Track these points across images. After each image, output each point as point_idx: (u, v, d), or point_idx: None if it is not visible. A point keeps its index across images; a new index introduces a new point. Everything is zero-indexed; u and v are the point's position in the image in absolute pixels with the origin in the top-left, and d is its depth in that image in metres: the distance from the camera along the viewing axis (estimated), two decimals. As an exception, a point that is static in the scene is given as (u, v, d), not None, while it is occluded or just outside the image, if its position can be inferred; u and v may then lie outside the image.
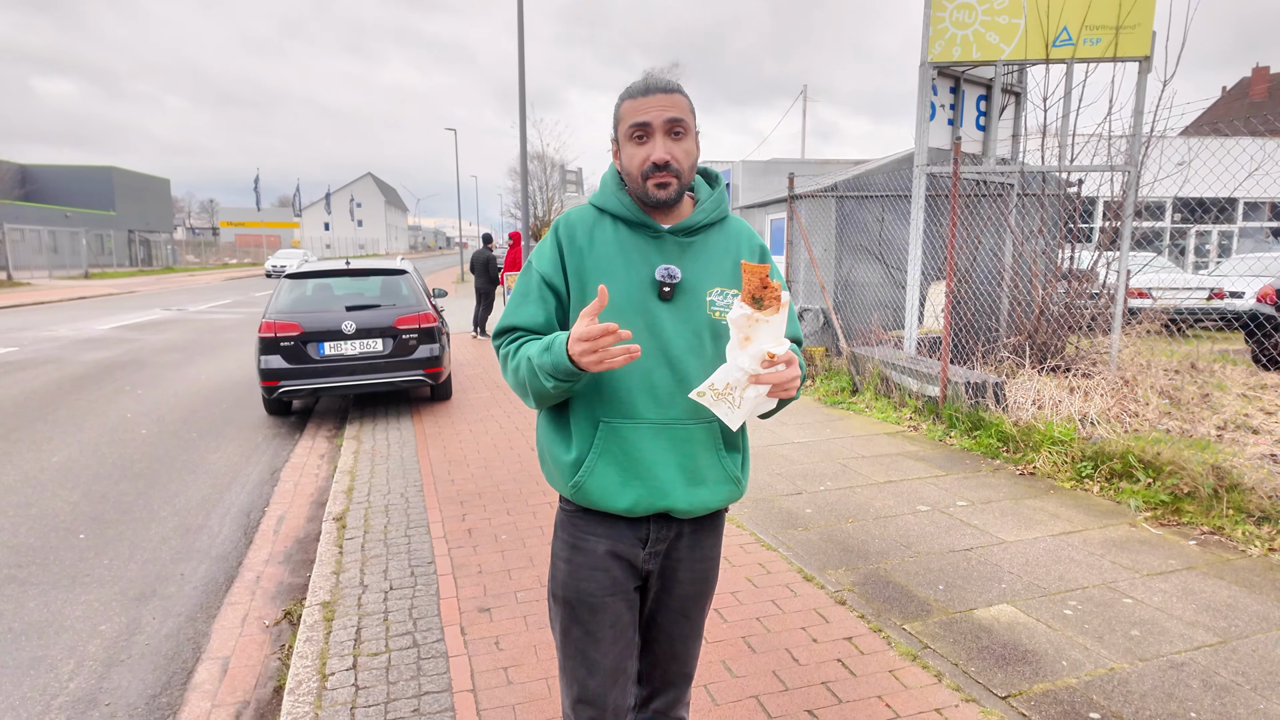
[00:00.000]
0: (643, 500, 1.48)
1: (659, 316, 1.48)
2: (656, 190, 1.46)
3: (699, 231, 1.55)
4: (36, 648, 3.09)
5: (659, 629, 1.64)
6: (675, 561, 1.59)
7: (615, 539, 1.53)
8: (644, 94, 1.45)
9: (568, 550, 1.56)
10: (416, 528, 4.11)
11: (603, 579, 1.53)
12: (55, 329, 13.99)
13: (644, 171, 1.46)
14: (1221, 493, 4.04)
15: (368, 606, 3.23)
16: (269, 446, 6.20)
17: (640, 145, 1.46)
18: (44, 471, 5.40)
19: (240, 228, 69.08)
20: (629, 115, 1.46)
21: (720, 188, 1.62)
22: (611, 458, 1.47)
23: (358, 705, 2.54)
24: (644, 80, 1.48)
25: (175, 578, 3.77)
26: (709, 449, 1.52)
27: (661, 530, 1.55)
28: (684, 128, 1.46)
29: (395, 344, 6.72)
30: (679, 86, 1.48)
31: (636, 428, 1.47)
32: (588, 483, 1.48)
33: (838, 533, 3.97)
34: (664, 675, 1.68)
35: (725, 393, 1.36)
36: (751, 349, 1.31)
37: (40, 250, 33.46)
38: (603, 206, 1.55)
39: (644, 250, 1.51)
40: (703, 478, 1.52)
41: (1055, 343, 7.20)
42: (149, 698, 2.79)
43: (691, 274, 1.51)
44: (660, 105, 1.44)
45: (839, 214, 8.95)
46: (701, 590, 1.63)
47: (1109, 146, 7.06)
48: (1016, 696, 2.52)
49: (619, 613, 1.54)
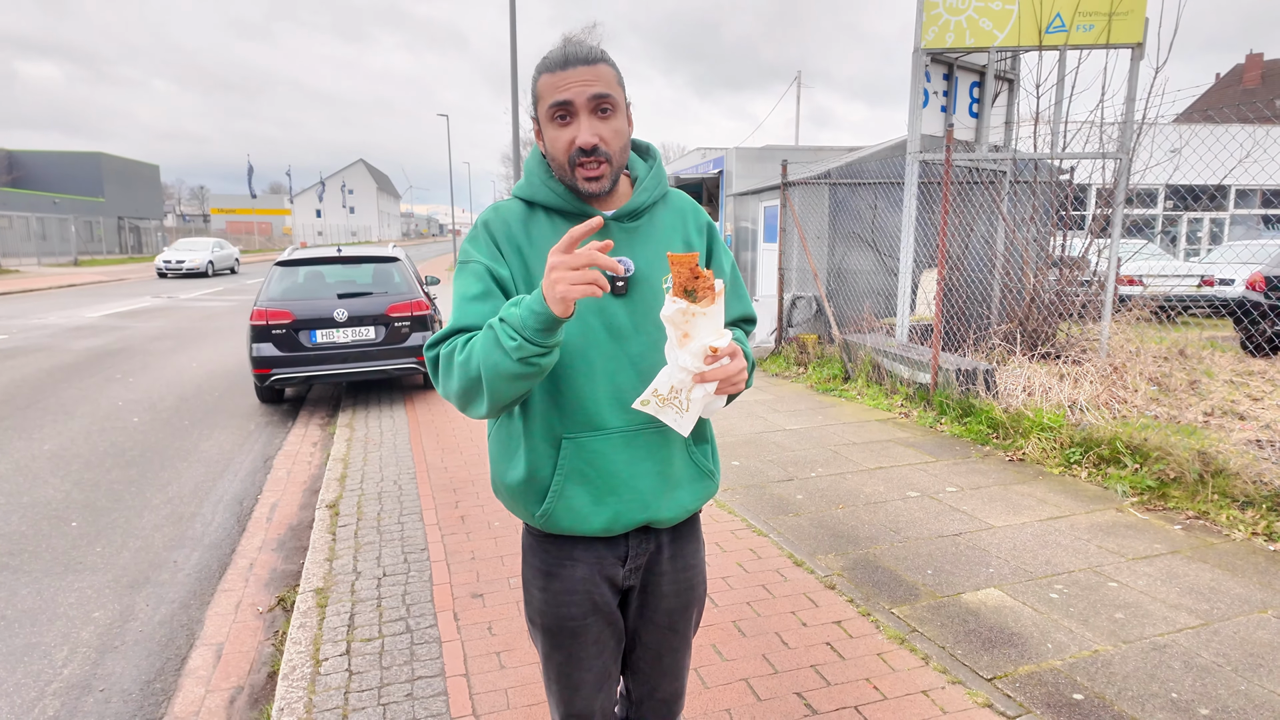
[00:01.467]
0: (621, 516, 1.36)
1: (616, 314, 1.33)
2: (587, 183, 1.30)
3: (644, 214, 1.39)
4: (30, 635, 3.11)
5: (645, 646, 1.52)
6: (658, 575, 1.47)
7: (592, 562, 1.41)
8: (563, 67, 1.26)
9: (541, 578, 1.43)
10: (410, 514, 4.12)
11: (582, 602, 1.41)
12: (45, 316, 13.89)
13: (570, 157, 1.28)
14: (1207, 478, 4.09)
15: (361, 593, 3.25)
16: (262, 434, 6.20)
17: (564, 127, 1.28)
18: (35, 459, 5.39)
19: (231, 215, 68.51)
20: (548, 93, 1.27)
21: (656, 160, 1.46)
22: (580, 476, 1.33)
23: (351, 690, 2.56)
24: (562, 50, 1.28)
25: (168, 565, 3.78)
26: (680, 448, 1.41)
27: (641, 545, 1.44)
28: (612, 104, 1.28)
29: (388, 332, 6.71)
30: (603, 55, 1.29)
31: (606, 439, 1.33)
32: (556, 509, 1.34)
33: (828, 518, 4.00)
34: (655, 693, 1.56)
35: (670, 397, 1.25)
36: (692, 346, 1.21)
37: (29, 237, 33.15)
38: (532, 199, 1.38)
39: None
40: (679, 479, 1.41)
41: (1046, 330, 7.24)
42: (143, 683, 2.80)
43: (644, 262, 1.36)
44: (583, 80, 1.25)
45: (832, 201, 8.95)
46: (687, 601, 1.52)
47: (1101, 134, 7.07)
48: (1002, 678, 2.56)
49: (600, 631, 1.44)
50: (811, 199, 9.12)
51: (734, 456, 5.12)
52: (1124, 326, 7.71)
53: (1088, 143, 7.24)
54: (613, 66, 1.31)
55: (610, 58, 1.31)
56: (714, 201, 15.03)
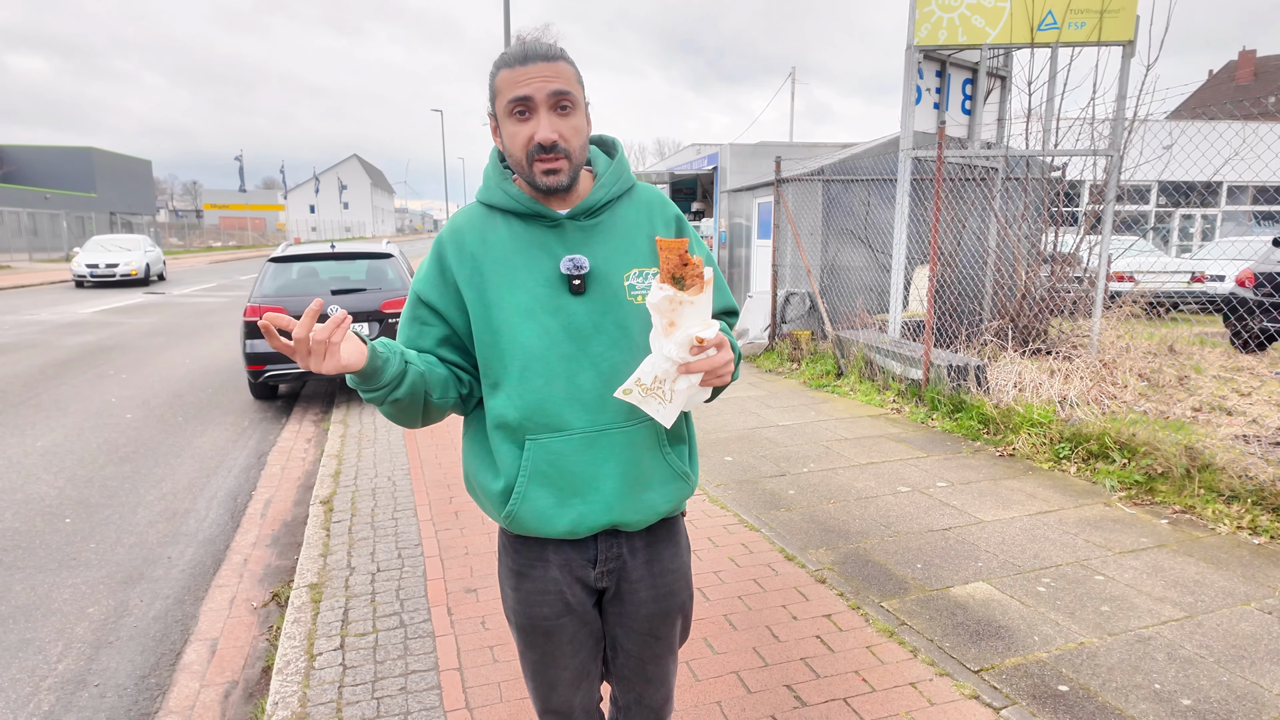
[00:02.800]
0: (585, 519, 1.34)
1: (574, 314, 1.32)
2: (545, 176, 1.28)
3: (602, 210, 1.37)
4: (24, 630, 3.12)
5: (628, 654, 1.49)
6: (634, 581, 1.44)
7: (562, 563, 1.40)
8: (522, 63, 1.26)
9: (514, 578, 1.44)
10: (404, 510, 4.14)
11: (555, 602, 1.41)
12: (37, 313, 13.84)
13: (529, 153, 1.28)
14: (1194, 473, 4.13)
15: (355, 588, 3.27)
16: (255, 430, 6.20)
17: (522, 123, 1.27)
18: (28, 456, 5.39)
19: (224, 210, 68.21)
20: (507, 88, 1.27)
21: (619, 156, 1.44)
22: (543, 478, 1.32)
23: (345, 684, 2.58)
24: (521, 46, 1.28)
25: (162, 561, 3.79)
26: (651, 448, 1.38)
27: (611, 548, 1.42)
28: (571, 101, 1.28)
29: (381, 328, 6.71)
30: (562, 52, 1.29)
31: (568, 440, 1.32)
32: (520, 510, 1.34)
33: (819, 513, 4.03)
34: (641, 699, 1.54)
35: (654, 387, 1.22)
36: (677, 335, 1.18)
37: (19, 232, 32.96)
38: (489, 202, 1.38)
39: (544, 243, 1.34)
40: (647, 481, 1.37)
41: (1037, 326, 7.29)
42: (138, 678, 2.82)
43: (601, 260, 1.34)
44: (543, 76, 1.25)
45: (825, 198, 8.98)
46: (668, 606, 1.48)
47: (1092, 131, 7.11)
48: (989, 670, 2.60)
49: (575, 630, 1.44)
50: (805, 195, 9.15)
51: (726, 452, 5.15)
52: (1115, 322, 7.77)
53: (1079, 140, 7.28)
54: (572, 65, 1.31)
55: (569, 56, 1.31)
56: (708, 198, 15.04)
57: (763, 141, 13.56)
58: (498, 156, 1.41)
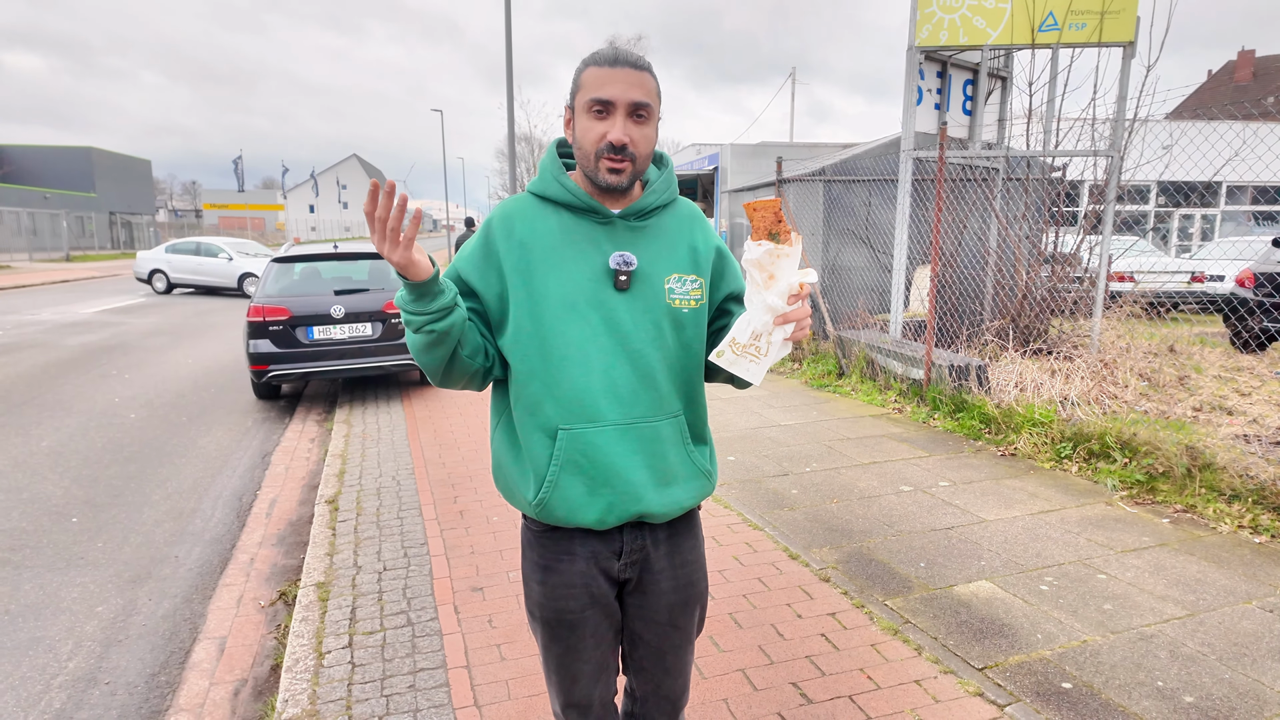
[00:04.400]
0: (614, 508, 1.38)
1: (616, 309, 1.37)
2: (609, 174, 1.34)
3: (651, 215, 1.44)
4: (34, 629, 3.13)
5: (648, 645, 1.53)
6: (656, 573, 1.49)
7: (588, 555, 1.44)
8: (611, 65, 1.31)
9: (539, 572, 1.46)
10: (409, 510, 4.16)
11: (580, 595, 1.44)
12: (38, 313, 13.84)
13: (598, 150, 1.33)
14: (1195, 472, 4.16)
15: (362, 587, 3.29)
16: (259, 430, 6.22)
17: (599, 120, 1.33)
18: (33, 456, 5.40)
19: (224, 210, 68.19)
20: (592, 86, 1.32)
21: (669, 169, 1.52)
22: (575, 467, 1.36)
23: (354, 681, 2.60)
24: (612, 50, 1.34)
25: (170, 560, 3.81)
26: (677, 445, 1.43)
27: (636, 540, 1.46)
28: (648, 112, 1.34)
29: (384, 328, 6.73)
30: (649, 65, 1.36)
31: (600, 431, 1.36)
32: (551, 498, 1.37)
33: (823, 513, 4.06)
34: (659, 690, 1.57)
35: (749, 344, 1.29)
36: (778, 286, 1.26)
37: (19, 232, 32.96)
38: (543, 194, 1.42)
39: (594, 237, 1.39)
40: (673, 476, 1.43)
41: (1038, 326, 7.31)
42: (148, 676, 2.84)
43: (646, 260, 1.40)
44: (628, 82, 1.31)
45: (826, 198, 9.00)
46: (687, 597, 1.52)
47: (1093, 132, 7.13)
48: (993, 668, 2.62)
49: (598, 623, 1.47)
50: (806, 196, 9.17)
51: (730, 452, 5.17)
52: (1115, 322, 7.79)
53: (1079, 140, 7.30)
54: (655, 79, 1.37)
55: (654, 70, 1.38)
56: (709, 198, 15.05)
57: (764, 142, 13.58)
58: (555, 151, 1.46)
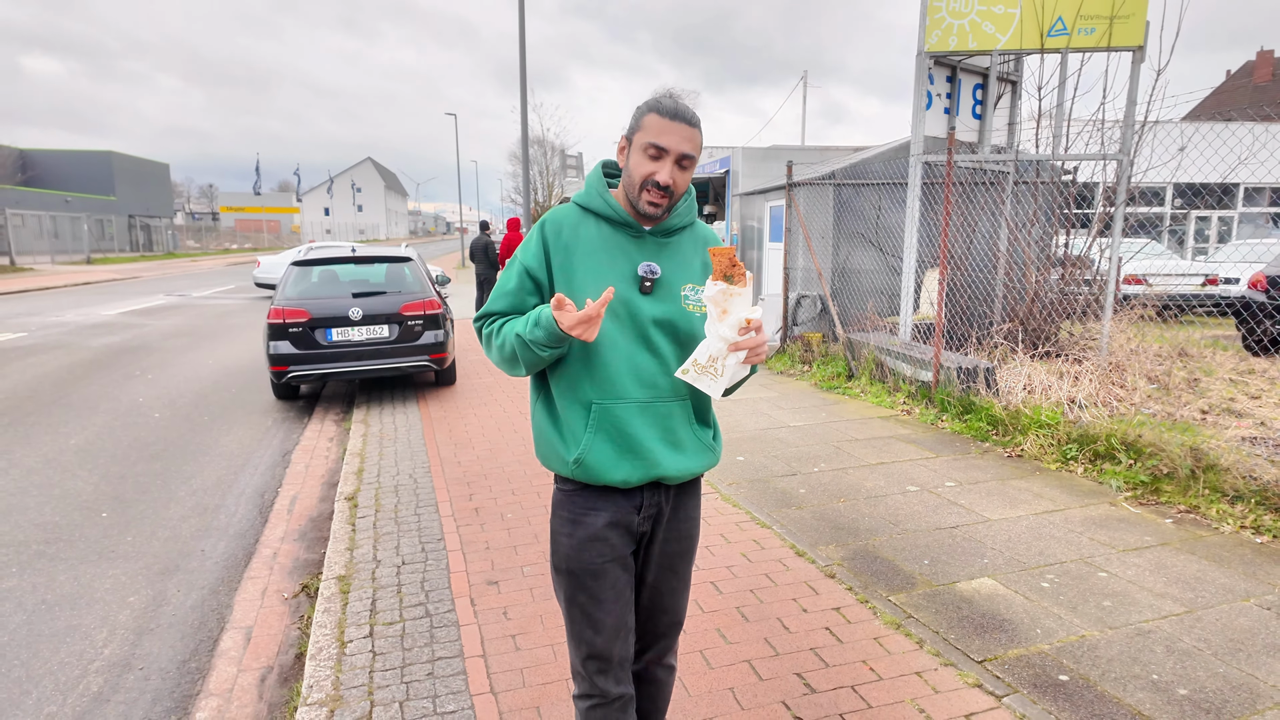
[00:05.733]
0: (637, 471, 1.66)
1: (641, 309, 1.66)
2: (649, 206, 1.64)
3: (674, 234, 1.74)
4: (70, 617, 3.28)
5: (649, 587, 1.82)
6: (665, 526, 1.78)
7: (613, 510, 1.70)
8: (673, 118, 1.59)
9: (569, 526, 1.71)
10: (425, 507, 4.28)
11: (603, 548, 1.69)
12: (62, 314, 14.13)
13: (645, 183, 1.62)
14: (1199, 473, 4.20)
15: (381, 580, 3.41)
16: (279, 430, 6.37)
17: (652, 161, 1.61)
18: (63, 453, 5.58)
19: (240, 213, 68.94)
20: (652, 131, 1.59)
21: (691, 197, 1.79)
22: (606, 435, 1.65)
23: (376, 669, 2.72)
24: (674, 104, 1.61)
25: (196, 554, 3.95)
26: (685, 423, 1.72)
27: (654, 497, 1.73)
28: (690, 163, 1.63)
29: (401, 330, 6.87)
30: (699, 122, 1.65)
31: (626, 407, 1.65)
32: (587, 458, 1.65)
33: (830, 511, 4.14)
34: (655, 628, 1.87)
35: (708, 365, 1.57)
36: (730, 320, 1.53)
37: (41, 235, 33.53)
38: (587, 206, 1.71)
39: (625, 248, 1.69)
40: (683, 447, 1.72)
41: (1048, 329, 7.34)
42: (179, 663, 2.97)
43: (668, 271, 1.70)
44: (682, 136, 1.59)
45: (837, 201, 9.07)
46: (687, 547, 1.84)
47: (1102, 135, 7.17)
48: (992, 661, 2.70)
49: (617, 576, 1.72)
50: (816, 199, 9.24)
51: (738, 452, 5.26)
52: (1125, 325, 7.81)
53: (1089, 144, 7.34)
54: (701, 134, 1.66)
55: (702, 126, 1.67)
56: (720, 201, 15.13)
57: (774, 145, 13.65)
58: (601, 170, 1.75)
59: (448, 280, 8.91)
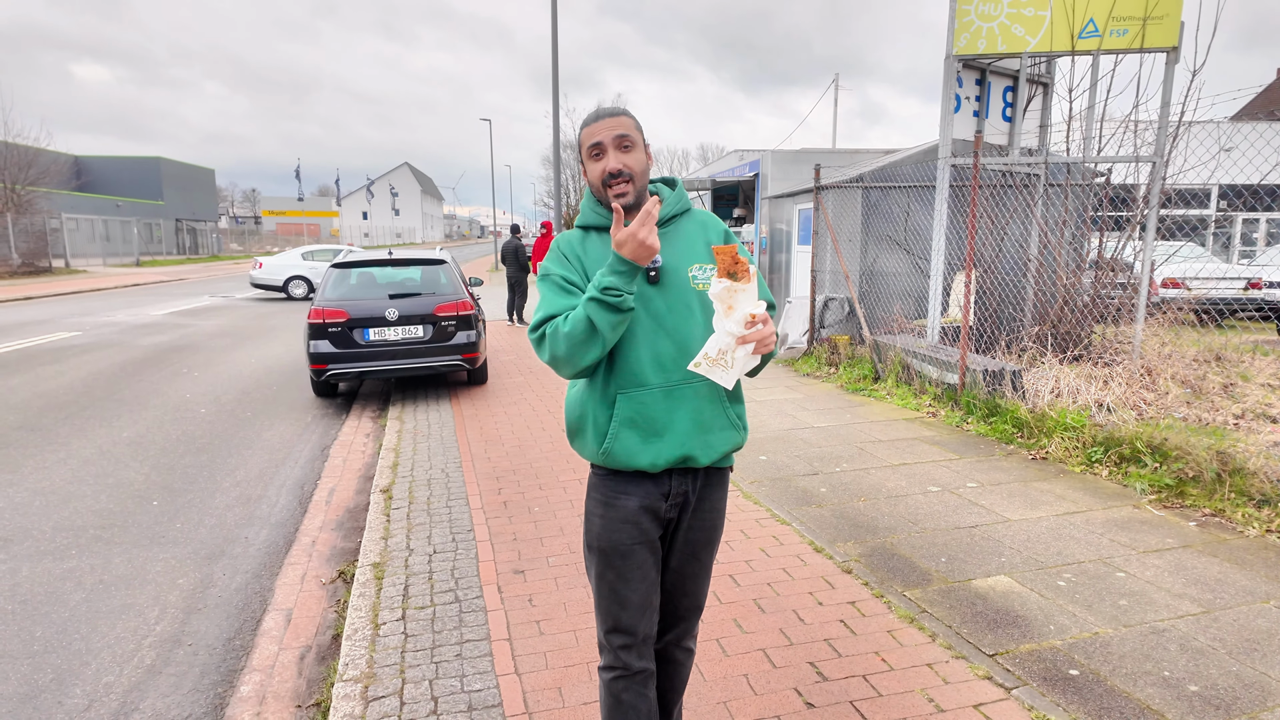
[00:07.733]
0: (662, 453, 1.75)
1: (651, 298, 1.76)
2: (616, 198, 1.76)
3: (669, 223, 1.85)
4: (125, 597, 3.49)
5: (672, 571, 1.92)
6: (691, 514, 1.87)
7: (642, 495, 1.80)
8: (595, 120, 1.76)
9: (601, 508, 1.82)
10: (456, 500, 4.44)
11: (632, 530, 1.80)
12: (114, 314, 14.71)
13: (603, 181, 1.76)
14: (1225, 477, 4.18)
15: (414, 567, 3.56)
16: (318, 425, 6.61)
17: (597, 160, 1.76)
18: (116, 445, 5.87)
19: (282, 216, 70.69)
20: (586, 139, 1.76)
21: (680, 188, 1.92)
22: (630, 423, 1.75)
23: (407, 650, 2.87)
24: (595, 111, 1.79)
25: (240, 540, 4.16)
26: (714, 401, 1.80)
27: (681, 483, 1.82)
28: (631, 141, 1.75)
29: (435, 330, 7.08)
30: (624, 110, 1.78)
31: (649, 393, 1.75)
32: (614, 447, 1.75)
33: (849, 510, 4.20)
34: (676, 610, 1.96)
35: (718, 358, 1.63)
36: (735, 315, 1.60)
37: (94, 239, 34.83)
38: (586, 224, 1.87)
39: None
40: (710, 425, 1.79)
41: (1079, 332, 7.28)
42: (225, 640, 3.16)
43: (670, 258, 1.80)
44: (608, 126, 1.74)
45: (865, 204, 9.08)
46: (710, 536, 1.92)
47: (1135, 136, 7.09)
48: (1003, 655, 2.75)
49: (644, 558, 1.82)
50: (845, 202, 9.26)
51: (761, 451, 5.33)
52: (1160, 329, 7.69)
53: (1121, 146, 7.26)
54: (632, 117, 1.78)
55: (630, 113, 1.79)
56: (750, 204, 15.18)
57: (804, 148, 13.66)
58: (590, 194, 1.88)
59: (480, 282, 9.13)
